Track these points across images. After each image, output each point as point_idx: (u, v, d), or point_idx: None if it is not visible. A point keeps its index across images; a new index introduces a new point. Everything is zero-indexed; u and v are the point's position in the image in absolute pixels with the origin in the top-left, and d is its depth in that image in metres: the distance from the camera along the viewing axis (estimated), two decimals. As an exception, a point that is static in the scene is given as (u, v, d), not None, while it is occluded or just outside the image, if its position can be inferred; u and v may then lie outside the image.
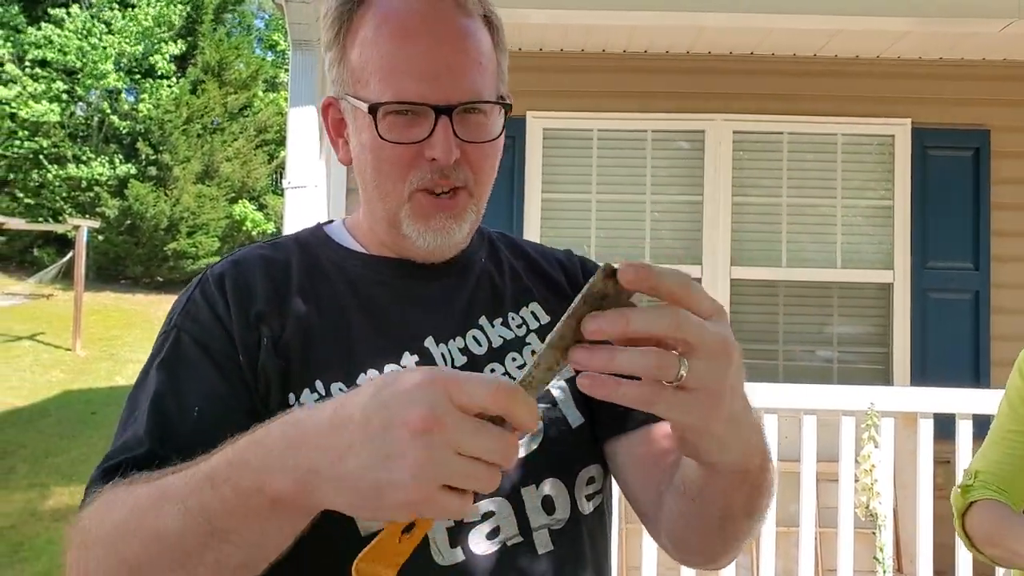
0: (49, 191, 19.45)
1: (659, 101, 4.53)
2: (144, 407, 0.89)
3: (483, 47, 0.95)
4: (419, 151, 0.93)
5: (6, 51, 19.47)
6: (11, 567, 5.65)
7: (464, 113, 0.93)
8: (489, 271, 1.07)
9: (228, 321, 0.93)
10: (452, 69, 0.92)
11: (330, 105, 1.01)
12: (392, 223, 0.98)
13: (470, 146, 0.94)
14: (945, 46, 4.31)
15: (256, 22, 25.18)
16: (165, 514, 0.71)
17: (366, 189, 1.00)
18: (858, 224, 4.56)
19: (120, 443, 0.88)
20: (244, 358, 0.92)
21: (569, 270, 1.12)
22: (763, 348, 4.52)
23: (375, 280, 1.01)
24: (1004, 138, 4.45)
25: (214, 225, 19.89)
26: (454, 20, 0.93)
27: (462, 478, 0.61)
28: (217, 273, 0.99)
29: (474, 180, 0.96)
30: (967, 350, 4.37)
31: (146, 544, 0.72)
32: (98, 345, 14.37)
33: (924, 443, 3.12)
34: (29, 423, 9.85)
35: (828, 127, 4.54)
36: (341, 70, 0.97)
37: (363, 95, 0.94)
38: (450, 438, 0.60)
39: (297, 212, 3.45)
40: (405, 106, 0.91)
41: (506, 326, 1.02)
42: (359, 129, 0.96)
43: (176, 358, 0.92)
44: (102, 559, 0.76)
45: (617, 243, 4.58)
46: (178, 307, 0.98)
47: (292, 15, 3.43)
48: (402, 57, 0.91)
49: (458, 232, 0.98)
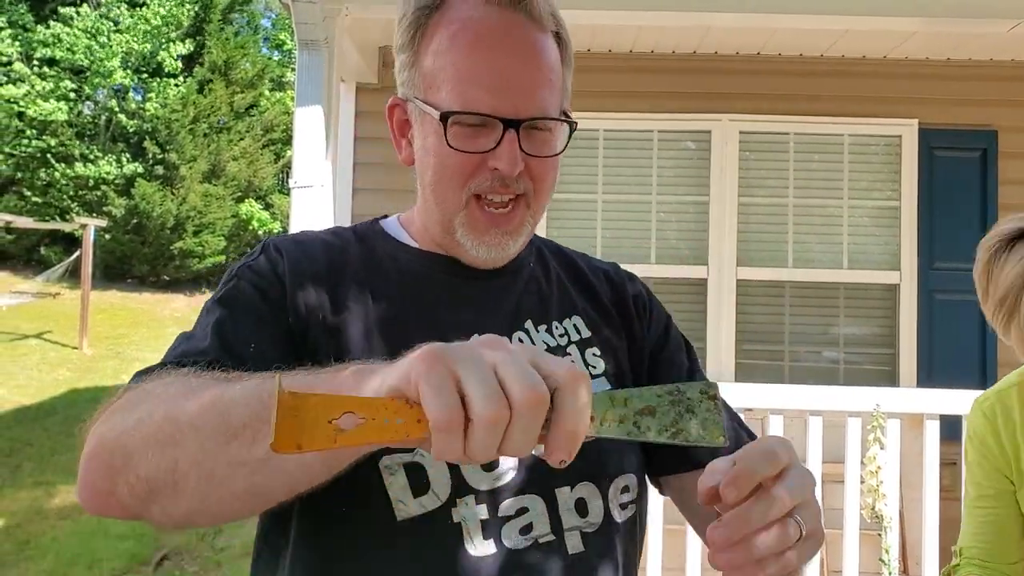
0: (56, 190, 19.48)
1: (665, 101, 4.53)
2: (205, 331, 0.91)
3: (553, 63, 0.98)
4: (483, 160, 0.95)
5: (14, 50, 19.52)
6: (17, 565, 5.67)
7: (530, 128, 0.95)
8: (537, 277, 1.09)
9: (286, 282, 0.96)
10: (523, 84, 0.94)
11: (396, 106, 1.04)
12: (447, 228, 1.01)
13: (533, 159, 0.96)
14: (952, 46, 4.29)
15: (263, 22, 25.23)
16: (231, 388, 0.72)
17: (424, 190, 1.02)
18: (864, 225, 4.55)
19: (179, 351, 0.89)
20: (293, 320, 0.95)
21: (616, 284, 1.14)
22: (769, 349, 4.51)
23: (427, 275, 1.03)
24: (1011, 139, 4.44)
25: (220, 224, 19.90)
26: (528, 35, 0.96)
27: (479, 383, 0.57)
28: (280, 244, 1.02)
29: (533, 192, 0.99)
30: (974, 351, 4.36)
31: (203, 406, 0.72)
32: (105, 343, 14.41)
33: (930, 445, 3.11)
34: (36, 421, 9.88)
35: (834, 127, 4.53)
36: (413, 73, 0.99)
37: (434, 101, 0.96)
38: (497, 357, 0.59)
39: (303, 212, 3.45)
40: (475, 117, 0.93)
41: (549, 333, 1.04)
42: (425, 133, 0.98)
43: (235, 298, 0.95)
44: (147, 414, 0.75)
45: (623, 244, 4.58)
46: (240, 263, 1.01)
47: (299, 15, 3.43)
48: (475, 68, 0.93)
49: (512, 246, 1.01)
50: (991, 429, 1.52)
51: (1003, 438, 1.50)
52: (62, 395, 11.28)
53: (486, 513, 0.90)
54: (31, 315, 15.65)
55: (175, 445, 0.72)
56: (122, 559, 5.77)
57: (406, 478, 0.89)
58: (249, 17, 24.19)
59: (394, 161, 1.09)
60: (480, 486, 0.91)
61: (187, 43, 20.85)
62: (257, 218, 20.68)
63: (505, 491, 0.92)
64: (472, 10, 0.95)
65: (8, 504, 6.95)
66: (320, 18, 3.44)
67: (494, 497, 0.92)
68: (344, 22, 3.60)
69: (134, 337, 15.17)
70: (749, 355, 4.49)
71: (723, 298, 4.45)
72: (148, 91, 20.58)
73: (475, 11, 0.95)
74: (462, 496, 0.90)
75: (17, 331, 14.49)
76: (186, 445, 0.72)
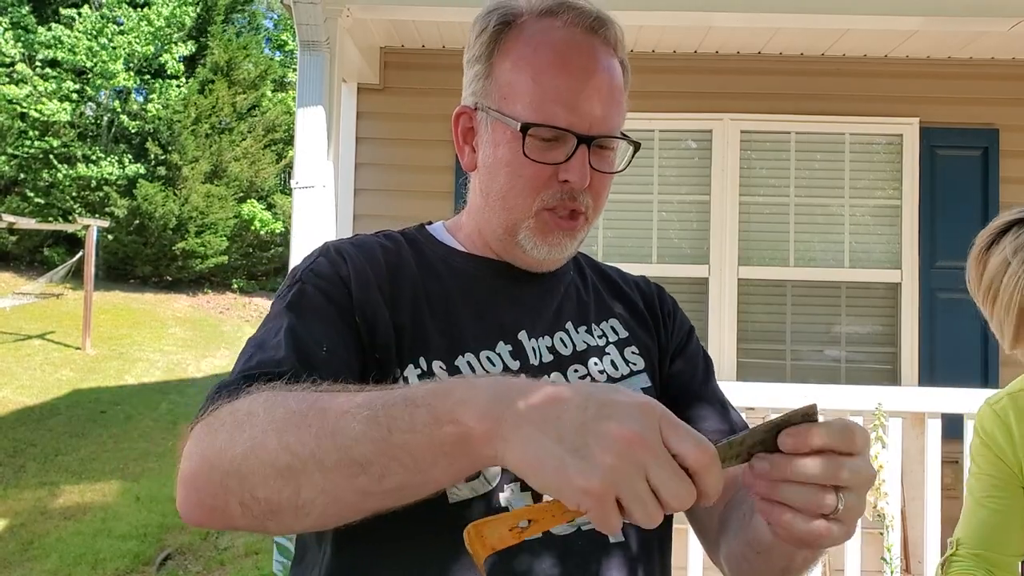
0: (59, 191, 19.52)
1: (666, 101, 4.53)
2: (279, 338, 0.93)
3: (619, 85, 1.05)
4: (554, 173, 1.01)
5: (17, 51, 19.55)
6: (21, 565, 5.68)
7: (597, 146, 1.02)
8: (576, 285, 1.16)
9: (350, 284, 0.99)
10: (596, 104, 1.00)
11: (463, 114, 1.08)
12: (510, 232, 1.06)
13: (596, 175, 1.02)
14: (954, 45, 4.29)
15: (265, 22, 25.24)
16: (349, 416, 0.74)
17: (489, 197, 1.06)
18: (866, 224, 4.55)
19: (254, 362, 0.90)
20: (360, 320, 0.98)
21: (646, 293, 1.21)
22: (770, 348, 4.51)
23: (477, 276, 1.08)
24: (1013, 137, 4.44)
25: (222, 225, 19.93)
26: (603, 58, 1.02)
27: (636, 500, 0.64)
28: (340, 247, 1.05)
29: (592, 207, 1.05)
30: (975, 350, 4.36)
31: (320, 438, 0.74)
32: (108, 344, 14.44)
33: (932, 443, 3.12)
34: (39, 422, 9.90)
35: (836, 126, 4.53)
36: (488, 84, 1.04)
37: (511, 112, 1.01)
38: (647, 462, 0.64)
39: (305, 212, 3.46)
40: (551, 130, 0.99)
41: (589, 334, 1.10)
42: (497, 143, 1.03)
43: (301, 304, 0.98)
44: (259, 440, 0.76)
45: (624, 243, 4.58)
46: (301, 267, 1.04)
47: (300, 16, 3.44)
48: (555, 84, 0.99)
49: (569, 249, 1.07)
50: (1002, 427, 1.54)
51: (1015, 438, 1.52)
52: (65, 395, 11.30)
53: (531, 499, 0.94)
54: (34, 316, 15.68)
55: (297, 475, 0.74)
56: (126, 559, 5.78)
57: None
58: (251, 18, 24.22)
59: (395, 161, 1.11)
60: None
61: (189, 44, 20.88)
62: (259, 218, 20.70)
63: None
64: (553, 30, 1.01)
65: (12, 504, 6.96)
66: (321, 19, 3.45)
67: None
68: (345, 23, 3.61)
69: (137, 337, 15.20)
70: (750, 354, 4.49)
71: (724, 297, 4.46)
72: (150, 92, 20.61)
73: (556, 31, 1.01)
74: (509, 482, 0.95)
75: (20, 332, 14.52)
76: (310, 476, 0.74)
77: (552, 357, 1.05)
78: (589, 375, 1.05)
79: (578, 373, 1.04)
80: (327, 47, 3.49)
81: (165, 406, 11.08)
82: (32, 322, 15.25)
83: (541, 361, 1.04)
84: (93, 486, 7.54)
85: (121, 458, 8.57)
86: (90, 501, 7.09)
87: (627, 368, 1.09)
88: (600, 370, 1.06)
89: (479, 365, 0.99)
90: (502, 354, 1.02)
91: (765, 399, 3.16)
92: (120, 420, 10.24)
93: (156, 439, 9.38)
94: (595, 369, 1.06)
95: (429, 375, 0.97)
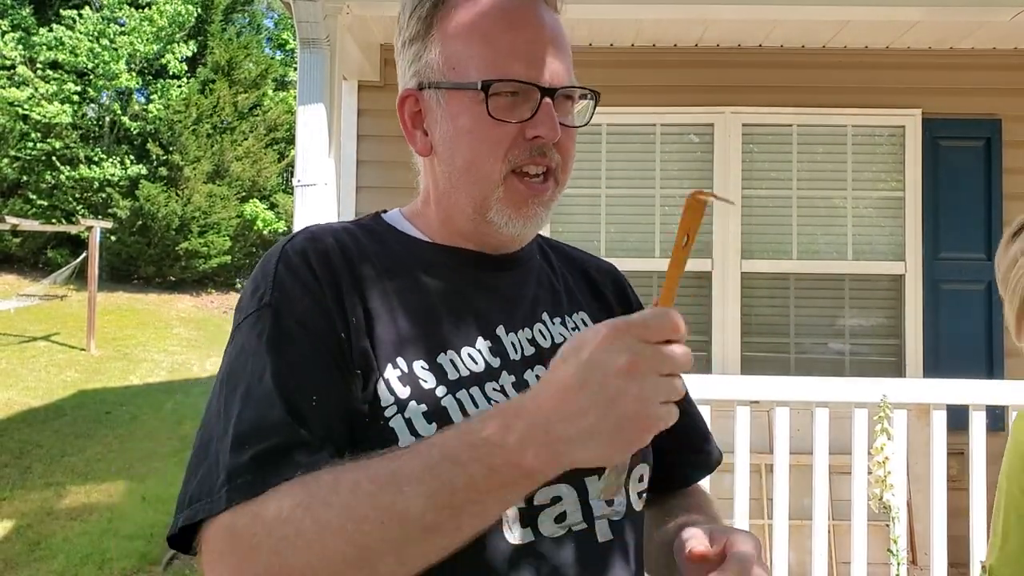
0: (62, 192, 19.55)
1: (667, 95, 4.52)
2: (266, 387, 0.86)
3: (567, 41, 1.03)
4: (520, 131, 0.97)
5: (18, 53, 19.56)
6: (28, 566, 5.70)
7: (560, 98, 0.99)
8: (546, 271, 1.13)
9: (320, 295, 0.93)
10: (553, 56, 0.98)
11: (408, 97, 1.04)
12: (479, 209, 1.00)
13: (564, 130, 0.99)
14: (955, 36, 4.28)
15: (265, 21, 25.23)
16: (405, 495, 0.75)
17: (453, 175, 1.01)
18: (869, 216, 4.54)
19: (247, 425, 0.84)
20: (341, 328, 0.92)
21: (617, 282, 1.20)
22: (774, 341, 4.51)
23: (448, 266, 1.03)
24: (1015, 127, 4.42)
25: (225, 224, 19.95)
26: (547, 13, 1.01)
27: (670, 391, 0.72)
28: (299, 248, 0.97)
29: (561, 166, 1.02)
30: (980, 341, 4.35)
31: (387, 525, 0.76)
32: (112, 345, 14.46)
33: (937, 435, 3.11)
34: (45, 423, 9.92)
35: (838, 119, 4.52)
36: (430, 60, 1.00)
37: (465, 79, 0.97)
38: (653, 367, 0.71)
39: (307, 210, 3.45)
40: (514, 85, 0.96)
41: (563, 325, 1.07)
42: (454, 114, 0.99)
43: (281, 343, 0.90)
44: (327, 549, 0.76)
45: (627, 238, 4.58)
46: (265, 283, 0.95)
47: (300, 13, 3.43)
48: (508, 41, 0.97)
49: (543, 220, 1.03)
50: None
51: None
52: (70, 396, 11.32)
53: (522, 502, 0.91)
54: (39, 317, 15.71)
55: (373, 563, 0.77)
56: (132, 559, 5.79)
57: None
58: (251, 17, 24.22)
59: (397, 158, 1.10)
60: None
61: (190, 44, 20.89)
62: (262, 218, 20.72)
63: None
64: None
65: (19, 505, 6.98)
66: (321, 16, 3.44)
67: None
68: (345, 20, 3.61)
69: (141, 338, 15.22)
70: (754, 347, 4.48)
71: (728, 290, 4.45)
72: (151, 92, 20.62)
73: None
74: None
75: (25, 333, 14.55)
76: (384, 561, 0.77)
77: (533, 350, 1.02)
78: None
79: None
80: (327, 44, 3.49)
81: (170, 406, 11.10)
82: (36, 324, 15.28)
83: (523, 355, 1.01)
84: (99, 486, 7.55)
85: (127, 458, 8.59)
86: (96, 501, 7.11)
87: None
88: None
89: (461, 363, 0.96)
90: (482, 350, 0.98)
91: (769, 392, 3.16)
92: (125, 421, 10.26)
93: (161, 439, 9.39)
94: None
95: (410, 375, 0.92)
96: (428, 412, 0.90)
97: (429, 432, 0.89)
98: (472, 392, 0.94)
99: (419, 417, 0.90)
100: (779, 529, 3.11)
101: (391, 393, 0.90)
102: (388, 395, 0.90)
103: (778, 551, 3.12)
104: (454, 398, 0.92)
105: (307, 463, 0.81)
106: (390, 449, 0.81)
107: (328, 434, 0.86)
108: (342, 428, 0.88)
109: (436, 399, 0.91)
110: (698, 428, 1.20)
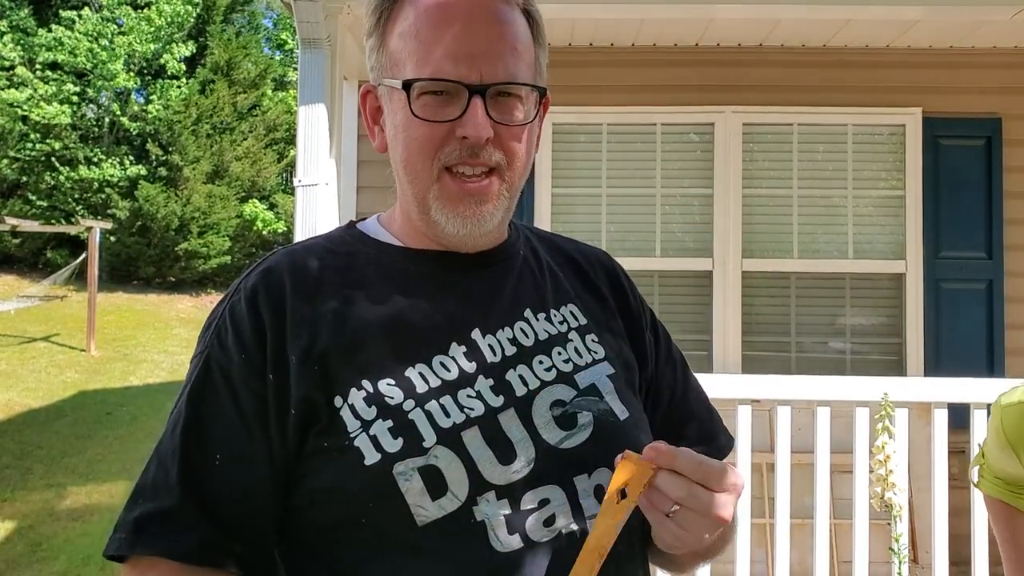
0: (61, 193, 19.53)
1: (668, 94, 4.52)
2: (174, 444, 0.93)
3: (520, 35, 0.97)
4: (451, 130, 0.94)
5: (16, 54, 19.55)
6: (30, 567, 5.70)
7: (498, 96, 0.94)
8: (530, 265, 1.08)
9: (253, 346, 0.93)
10: (487, 51, 0.93)
11: (368, 92, 1.04)
12: (422, 207, 0.99)
13: (503, 128, 0.95)
14: (955, 34, 4.28)
15: (264, 21, 25.22)
16: None
17: (398, 173, 1.01)
18: (870, 215, 4.54)
19: (149, 479, 0.94)
20: (273, 378, 0.92)
21: (608, 268, 1.15)
22: (775, 340, 4.51)
23: (417, 273, 1.01)
24: (1016, 126, 4.42)
25: (225, 225, 19.93)
26: (492, 5, 0.95)
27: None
28: (250, 288, 0.97)
29: (507, 163, 0.97)
30: (981, 340, 4.35)
31: None
32: (112, 345, 14.46)
33: (939, 433, 3.11)
34: (45, 424, 9.92)
35: (838, 118, 4.52)
36: (380, 56, 1.00)
37: (400, 76, 0.96)
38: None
39: (308, 210, 3.45)
40: (438, 84, 0.93)
41: (549, 321, 1.04)
42: (394, 111, 0.98)
43: (202, 388, 0.95)
44: None
45: (628, 237, 4.58)
46: (211, 324, 0.98)
47: (300, 13, 3.43)
48: (438, 37, 0.93)
49: (490, 219, 0.98)
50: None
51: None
52: (71, 397, 11.31)
53: (508, 508, 0.90)
54: (39, 318, 15.70)
55: None
56: (133, 559, 5.79)
57: (422, 482, 0.88)
58: (250, 17, 24.19)
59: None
60: (498, 481, 0.91)
61: (189, 44, 20.87)
62: (261, 218, 20.71)
63: (524, 484, 0.92)
64: None
65: (20, 506, 6.98)
66: (321, 16, 3.44)
67: (514, 491, 0.91)
68: (346, 20, 3.60)
69: (141, 338, 15.21)
70: (755, 347, 4.48)
71: (728, 290, 4.45)
72: (150, 93, 20.60)
73: None
74: (482, 493, 0.90)
75: (25, 334, 14.54)
76: None
77: (515, 349, 0.99)
78: (555, 366, 1.00)
79: (543, 365, 0.99)
80: (328, 44, 3.49)
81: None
82: (36, 325, 15.27)
83: (503, 355, 0.98)
84: (100, 487, 7.55)
85: (127, 459, 8.58)
86: (97, 502, 7.11)
87: (590, 356, 1.03)
88: (565, 359, 1.01)
89: (432, 374, 0.94)
90: (456, 356, 0.95)
91: (771, 391, 3.15)
92: (126, 421, 10.26)
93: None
94: (560, 359, 1.01)
95: (375, 395, 0.91)
96: (394, 427, 0.90)
97: (395, 447, 0.89)
98: (443, 401, 0.92)
99: (385, 434, 0.89)
100: (780, 528, 3.11)
101: (355, 417, 0.90)
102: (353, 420, 0.90)
103: (779, 550, 3.11)
104: (422, 410, 0.91)
105: (176, 535, 0.89)
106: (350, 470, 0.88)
107: (225, 493, 0.90)
108: (249, 484, 0.91)
109: (403, 413, 0.90)
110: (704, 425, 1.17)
